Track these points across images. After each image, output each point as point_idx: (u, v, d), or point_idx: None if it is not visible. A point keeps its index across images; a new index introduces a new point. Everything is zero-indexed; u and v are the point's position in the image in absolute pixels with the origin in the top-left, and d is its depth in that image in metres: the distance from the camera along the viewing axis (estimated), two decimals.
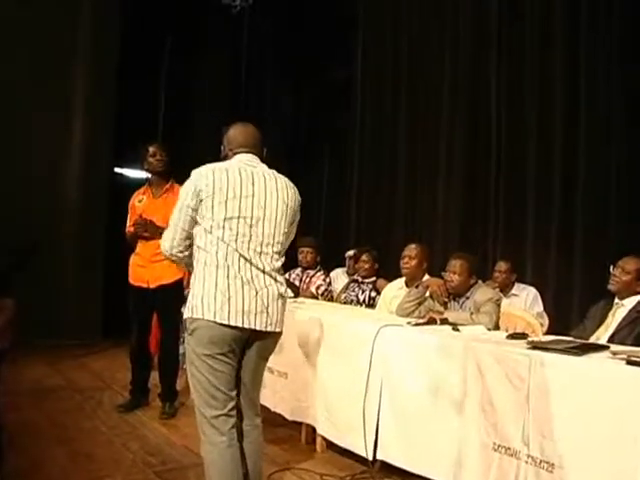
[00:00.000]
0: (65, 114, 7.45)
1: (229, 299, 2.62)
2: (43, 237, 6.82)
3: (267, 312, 2.72)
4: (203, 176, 2.70)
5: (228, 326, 2.63)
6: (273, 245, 2.78)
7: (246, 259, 2.69)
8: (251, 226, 2.72)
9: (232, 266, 2.66)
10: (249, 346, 2.78)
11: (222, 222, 2.67)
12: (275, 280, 2.77)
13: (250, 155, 2.87)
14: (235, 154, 2.87)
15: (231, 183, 2.70)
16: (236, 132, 2.94)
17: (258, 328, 2.70)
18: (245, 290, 2.66)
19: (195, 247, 2.75)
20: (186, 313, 2.70)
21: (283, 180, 2.89)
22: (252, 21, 9.03)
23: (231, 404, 2.71)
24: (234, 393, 2.74)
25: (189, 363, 2.73)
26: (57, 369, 6.04)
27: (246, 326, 2.66)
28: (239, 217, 2.70)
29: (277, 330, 2.81)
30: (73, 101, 7.49)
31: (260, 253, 2.73)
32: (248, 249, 2.70)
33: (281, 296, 2.80)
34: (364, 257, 5.60)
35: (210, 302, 2.62)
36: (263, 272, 2.73)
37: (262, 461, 2.93)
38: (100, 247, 7.61)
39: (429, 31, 7.14)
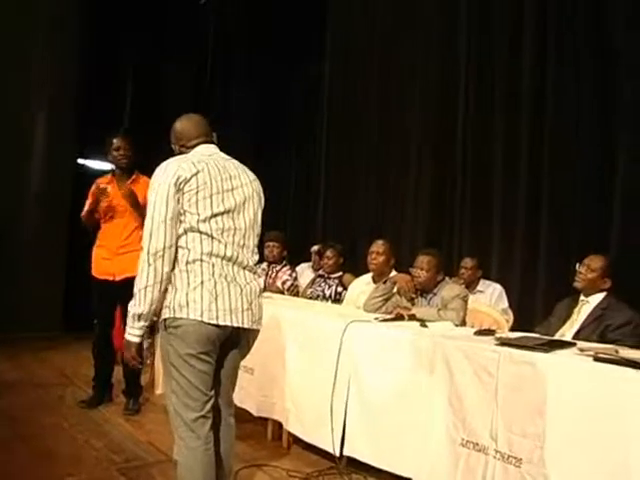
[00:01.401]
0: (28, 104, 7.29)
1: (216, 298, 2.54)
2: (3, 228, 6.68)
3: (252, 309, 2.67)
4: (185, 169, 2.56)
5: (216, 325, 2.55)
6: (252, 238, 2.74)
7: (230, 256, 2.62)
8: (234, 220, 2.66)
9: (217, 263, 2.58)
10: (231, 344, 2.70)
11: (208, 218, 2.58)
12: (255, 275, 2.74)
13: (212, 145, 2.79)
14: (192, 147, 2.76)
15: (213, 176, 2.61)
16: (186, 125, 2.82)
17: (246, 326, 2.64)
18: (231, 288, 2.59)
19: (179, 239, 2.61)
20: (166, 313, 2.57)
21: (249, 171, 2.84)
22: (219, 13, 8.95)
23: (209, 405, 2.63)
24: (212, 393, 2.66)
25: (166, 364, 2.63)
26: (17, 363, 5.92)
27: (235, 324, 2.59)
28: (224, 212, 2.62)
29: (259, 327, 2.76)
30: (36, 90, 7.34)
31: (243, 247, 2.68)
32: (233, 244, 2.63)
33: (261, 292, 2.77)
34: (328, 253, 5.60)
35: (196, 301, 2.52)
36: (244, 268, 2.67)
37: (232, 459, 2.87)
38: (62, 239, 7.50)
39: (400, 31, 7.13)
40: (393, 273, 4.69)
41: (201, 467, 2.58)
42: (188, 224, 2.56)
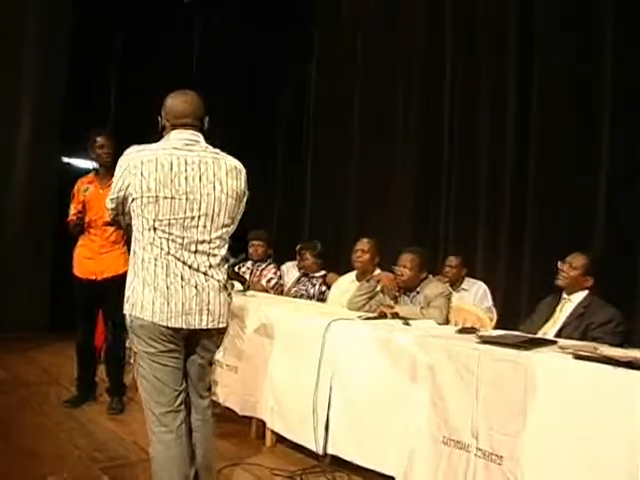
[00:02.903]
0: (12, 103, 7.25)
1: (168, 301, 2.53)
2: None
3: (208, 309, 2.62)
4: (131, 174, 2.54)
5: (167, 327, 2.55)
6: (210, 242, 2.63)
7: (181, 260, 2.57)
8: (184, 227, 2.57)
9: (169, 265, 2.55)
10: (193, 342, 2.70)
11: (154, 223, 2.54)
12: (212, 277, 2.64)
13: (189, 131, 2.67)
14: (173, 127, 2.68)
15: (161, 180, 2.52)
16: (175, 101, 2.73)
17: (197, 327, 2.61)
18: (186, 290, 2.56)
19: (134, 237, 2.63)
20: (126, 307, 2.60)
21: (228, 163, 2.71)
22: (204, 11, 8.92)
23: (179, 399, 2.65)
24: (182, 387, 2.67)
25: (135, 360, 2.66)
26: (1, 362, 5.87)
27: (184, 327, 2.57)
28: (171, 219, 2.55)
29: (221, 325, 2.70)
30: (22, 90, 7.29)
31: (195, 252, 2.59)
32: (182, 249, 2.57)
33: (224, 288, 2.70)
34: (306, 254, 5.61)
35: (149, 303, 2.53)
36: (198, 271, 2.60)
37: (213, 456, 2.87)
38: (48, 238, 7.44)
39: (385, 31, 7.14)
40: (377, 271, 4.69)
41: (173, 460, 2.60)
42: (140, 224, 2.57)
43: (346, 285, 4.93)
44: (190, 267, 2.58)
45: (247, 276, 5.61)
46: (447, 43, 6.38)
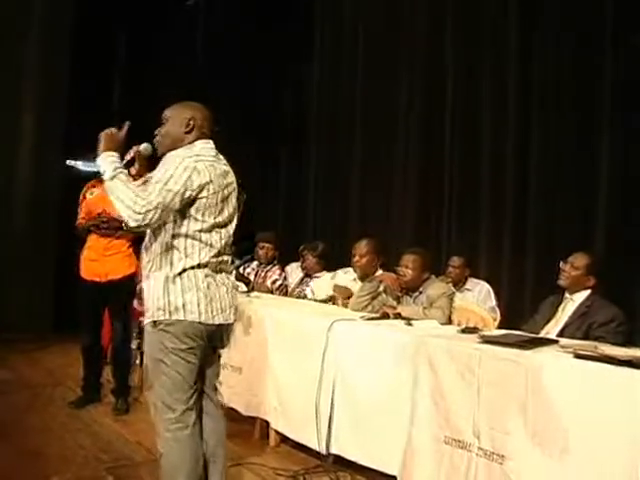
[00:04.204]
0: (14, 103, 7.28)
1: (211, 300, 2.69)
2: None
3: (234, 305, 2.83)
4: (200, 175, 2.61)
5: (210, 324, 2.70)
6: (231, 246, 2.85)
7: (221, 262, 2.75)
8: (221, 232, 2.74)
9: (211, 270, 2.71)
10: (217, 337, 2.83)
11: (210, 227, 2.68)
12: (230, 277, 2.88)
13: (211, 143, 2.81)
14: (198, 138, 2.77)
15: (217, 185, 2.67)
16: (203, 112, 2.85)
17: (231, 321, 2.82)
18: (222, 290, 2.74)
19: (168, 245, 2.67)
20: (160, 315, 2.65)
21: (232, 173, 2.87)
22: (207, 13, 8.95)
23: (194, 397, 2.74)
24: (197, 385, 2.77)
25: (155, 361, 2.70)
26: (6, 364, 5.90)
27: (224, 322, 2.76)
28: (221, 222, 2.72)
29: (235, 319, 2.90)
30: (24, 90, 7.33)
31: (224, 255, 2.79)
32: (218, 253, 2.73)
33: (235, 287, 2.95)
34: (308, 255, 5.65)
35: (192, 303, 2.64)
36: (226, 272, 2.82)
37: (224, 451, 2.95)
38: (52, 240, 7.47)
39: (386, 30, 7.14)
40: (380, 272, 4.69)
41: (188, 459, 2.69)
42: (190, 230, 2.65)
43: (345, 281, 4.91)
44: (222, 270, 2.78)
45: (252, 277, 5.63)
46: (448, 42, 6.37)
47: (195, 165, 2.61)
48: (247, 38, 8.49)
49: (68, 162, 4.35)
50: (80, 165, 4.18)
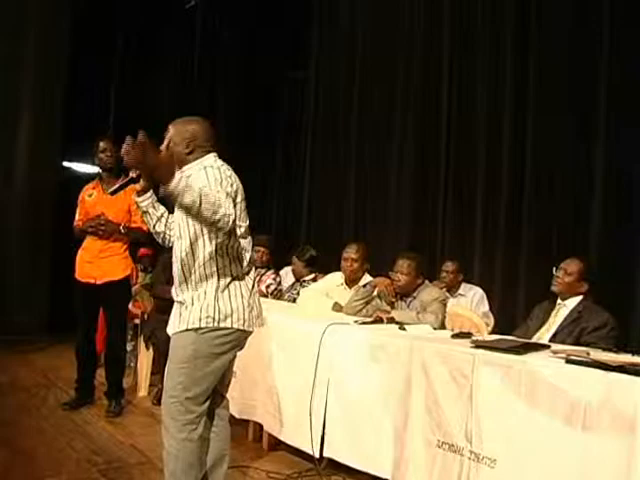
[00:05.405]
0: (12, 106, 7.28)
1: (252, 308, 2.79)
2: None
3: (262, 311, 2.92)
4: (236, 179, 2.71)
5: (250, 332, 2.82)
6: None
7: (251, 268, 2.85)
8: (246, 238, 2.81)
9: (248, 273, 2.81)
10: (244, 344, 2.91)
11: (243, 230, 2.76)
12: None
13: (216, 156, 2.82)
14: (206, 152, 2.78)
15: (242, 189, 2.74)
16: (204, 127, 2.83)
17: (262, 327, 2.98)
18: (256, 297, 2.87)
19: (211, 253, 2.68)
20: (209, 322, 2.67)
21: None
22: (205, 16, 8.97)
23: (209, 400, 2.81)
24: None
25: (181, 363, 2.70)
26: (0, 366, 5.91)
27: (258, 328, 2.89)
28: (247, 228, 2.80)
29: None
30: (20, 92, 7.33)
31: (245, 260, 2.82)
32: (245, 259, 2.80)
33: None
34: (295, 260, 5.69)
35: (239, 312, 2.72)
36: (253, 278, 2.88)
37: (227, 453, 3.04)
38: (47, 242, 7.47)
39: (384, 30, 7.18)
40: (366, 277, 4.71)
41: (198, 457, 2.76)
42: (233, 237, 2.71)
43: (332, 286, 4.89)
44: (251, 277, 2.85)
45: None
46: (445, 42, 6.40)
47: (225, 169, 2.69)
48: (246, 39, 8.53)
49: (64, 163, 4.38)
50: (76, 165, 4.19)
